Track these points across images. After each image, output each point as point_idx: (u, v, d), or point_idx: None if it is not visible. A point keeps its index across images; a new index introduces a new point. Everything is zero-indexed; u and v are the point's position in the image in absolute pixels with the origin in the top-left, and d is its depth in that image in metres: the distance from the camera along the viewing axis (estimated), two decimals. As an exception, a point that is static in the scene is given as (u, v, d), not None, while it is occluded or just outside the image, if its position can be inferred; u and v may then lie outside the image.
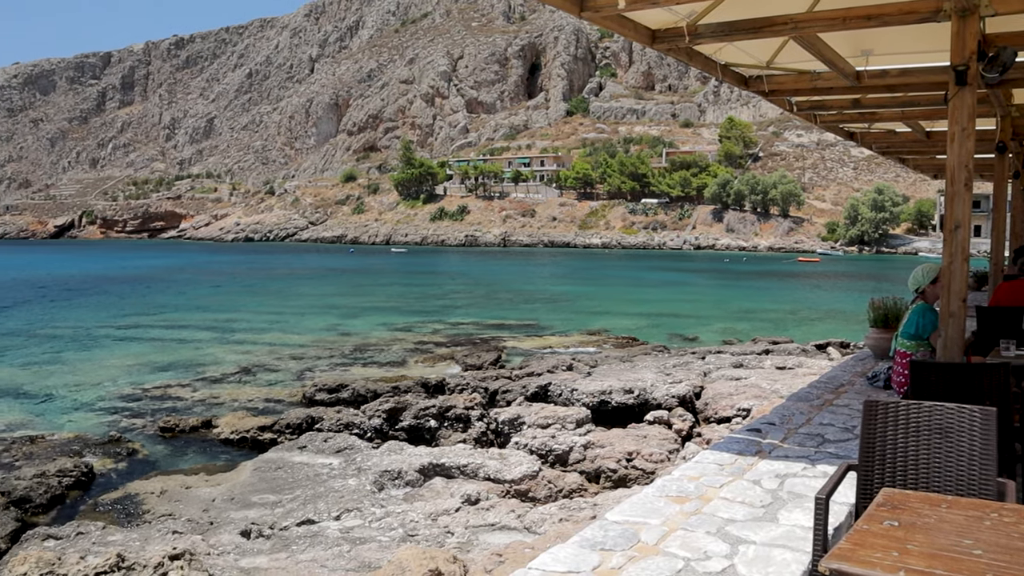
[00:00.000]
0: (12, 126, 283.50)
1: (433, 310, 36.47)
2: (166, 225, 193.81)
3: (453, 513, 9.41)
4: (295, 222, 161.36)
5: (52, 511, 11.26)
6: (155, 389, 19.51)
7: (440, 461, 11.06)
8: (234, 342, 26.99)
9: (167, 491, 11.30)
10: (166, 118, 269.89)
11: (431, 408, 14.20)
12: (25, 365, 23.30)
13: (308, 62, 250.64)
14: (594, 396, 14.29)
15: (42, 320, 34.54)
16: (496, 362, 21.38)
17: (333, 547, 8.59)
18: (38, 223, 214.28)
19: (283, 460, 11.96)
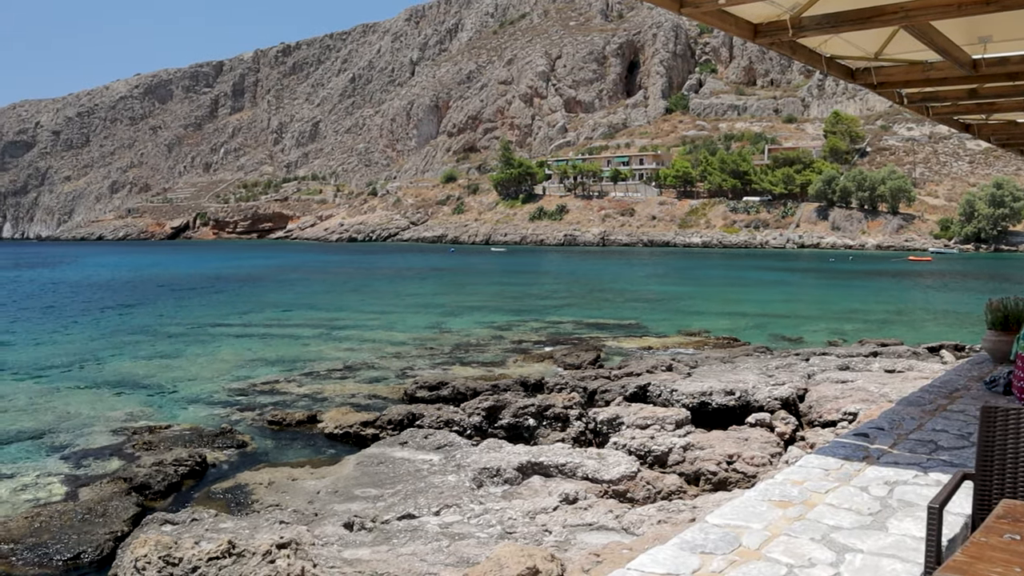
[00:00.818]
0: (133, 134, 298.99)
1: (532, 309, 36.61)
2: (274, 226, 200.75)
3: (551, 512, 9.43)
4: (397, 222, 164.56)
5: (169, 498, 11.83)
6: (264, 384, 20.23)
7: (538, 460, 11.08)
8: (338, 339, 27.74)
9: (274, 482, 11.71)
10: (274, 123, 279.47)
11: (530, 407, 14.26)
12: (146, 359, 24.53)
13: (409, 65, 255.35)
14: (694, 397, 14.09)
15: (162, 317, 36.30)
16: (595, 362, 21.30)
17: (432, 542, 8.72)
18: (156, 225, 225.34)
19: (385, 455, 12.21)
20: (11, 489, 12.49)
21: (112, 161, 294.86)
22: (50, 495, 12.20)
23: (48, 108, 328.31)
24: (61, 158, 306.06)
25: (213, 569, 7.71)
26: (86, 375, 22.24)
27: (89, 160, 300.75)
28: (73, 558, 9.79)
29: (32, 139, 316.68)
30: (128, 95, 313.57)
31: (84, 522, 10.67)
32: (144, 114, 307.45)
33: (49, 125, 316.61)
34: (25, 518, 10.90)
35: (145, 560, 7.89)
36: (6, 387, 20.55)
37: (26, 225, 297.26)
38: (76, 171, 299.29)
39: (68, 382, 21.25)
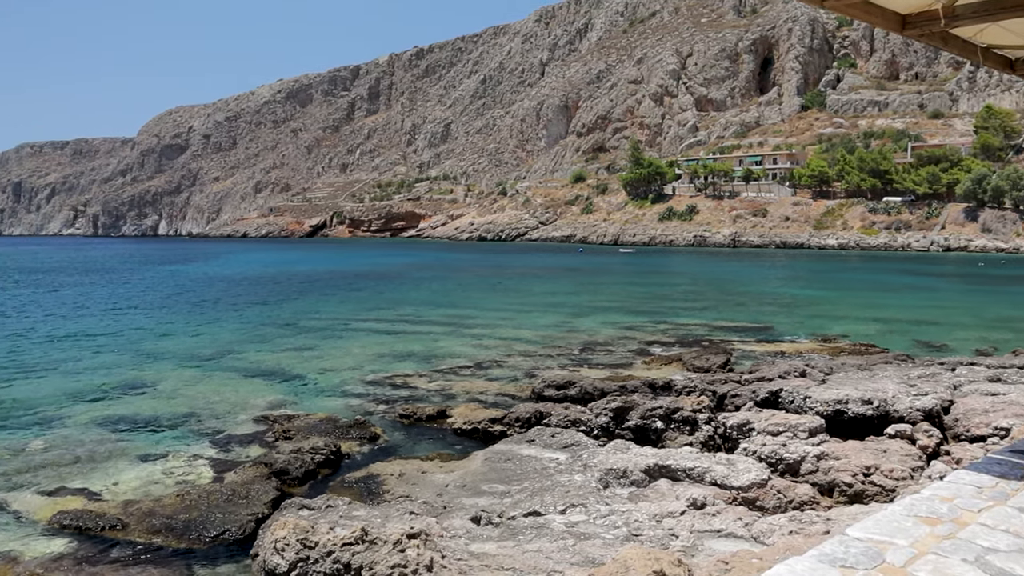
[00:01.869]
0: (276, 136, 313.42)
1: (660, 310, 36.15)
2: (406, 225, 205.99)
3: (678, 516, 9.29)
4: (526, 222, 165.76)
5: (306, 484, 12.35)
6: (396, 378, 20.81)
7: (666, 463, 10.94)
8: (468, 336, 28.21)
9: (405, 474, 12.03)
10: (407, 124, 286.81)
11: (657, 409, 14.08)
12: (286, 351, 25.67)
13: (539, 66, 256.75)
14: (829, 405, 13.56)
15: (301, 312, 37.89)
16: (724, 365, 20.84)
17: (558, 540, 8.75)
18: (296, 223, 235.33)
19: (512, 452, 12.33)
20: (165, 469, 13.33)
21: (256, 162, 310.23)
22: (199, 477, 12.96)
23: (200, 113, 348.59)
24: (210, 160, 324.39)
25: (346, 554, 7.99)
26: (232, 365, 23.48)
27: (235, 162, 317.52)
28: (219, 535, 10.37)
29: (185, 143, 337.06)
30: (271, 100, 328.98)
31: (228, 503, 11.27)
32: (286, 117, 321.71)
33: (200, 129, 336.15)
34: (177, 496, 11.63)
35: (284, 542, 8.27)
36: (163, 375, 21.96)
37: (179, 223, 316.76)
38: (224, 172, 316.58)
39: (215, 371, 22.51)
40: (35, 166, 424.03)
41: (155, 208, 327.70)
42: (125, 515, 11.03)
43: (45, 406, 18.24)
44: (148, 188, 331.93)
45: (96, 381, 21.08)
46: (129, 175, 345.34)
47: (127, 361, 24.26)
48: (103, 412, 17.57)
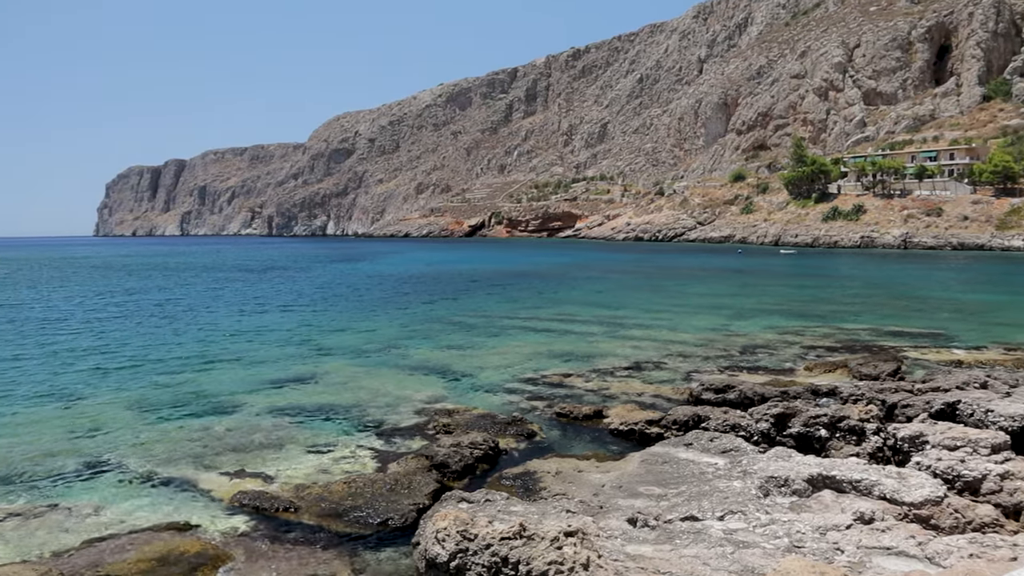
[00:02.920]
0: (437, 139, 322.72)
1: (824, 314, 34.68)
2: (563, 225, 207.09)
3: (843, 530, 8.93)
4: (683, 222, 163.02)
5: (465, 478, 12.69)
6: (552, 376, 21.01)
7: (830, 473, 10.53)
8: (624, 337, 28.08)
9: (561, 472, 12.16)
10: (564, 125, 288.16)
11: (822, 416, 13.56)
12: (446, 348, 26.44)
13: (697, 63, 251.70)
14: (1015, 420, 12.62)
15: (460, 309, 38.89)
16: (894, 373, 19.77)
17: (716, 546, 8.60)
18: (456, 223, 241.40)
19: (669, 455, 12.21)
20: (332, 458, 14.06)
21: (418, 165, 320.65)
22: (364, 466, 13.59)
23: (365, 118, 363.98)
24: (375, 163, 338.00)
25: (505, 548, 8.17)
26: (395, 360, 24.41)
27: (398, 164, 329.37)
28: (382, 523, 10.85)
29: (352, 146, 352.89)
30: (432, 103, 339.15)
31: (391, 492, 11.77)
32: (446, 120, 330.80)
33: (366, 133, 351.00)
34: (344, 483, 12.24)
35: (445, 532, 8.55)
36: (332, 368, 23.14)
37: (345, 223, 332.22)
38: (387, 174, 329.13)
39: (380, 366, 23.47)
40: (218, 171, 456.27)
41: (324, 209, 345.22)
42: (297, 498, 11.72)
43: (227, 395, 19.62)
44: (317, 190, 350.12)
45: (271, 373, 22.46)
46: (300, 178, 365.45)
47: (299, 355, 25.69)
48: (277, 402, 18.72)
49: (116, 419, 17.28)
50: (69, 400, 19.38)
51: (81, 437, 15.82)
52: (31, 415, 17.89)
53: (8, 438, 15.86)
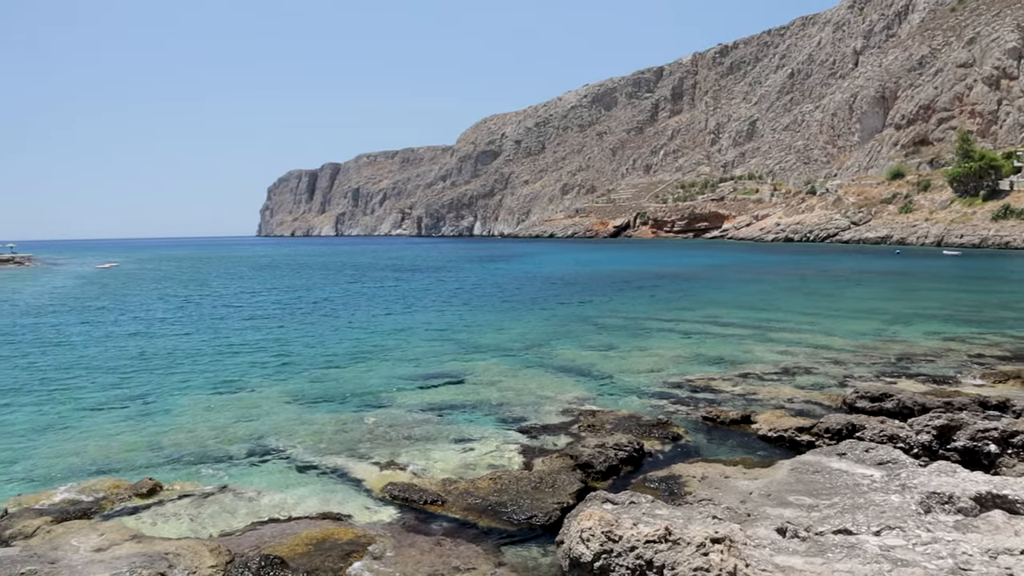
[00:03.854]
0: (582, 139, 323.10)
1: (994, 320, 32.40)
2: (709, 225, 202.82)
3: (1017, 555, 8.33)
4: (836, 222, 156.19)
5: (609, 479, 12.67)
6: (697, 380, 20.63)
7: (1001, 492, 9.84)
8: (773, 341, 27.22)
9: (707, 477, 11.93)
10: (711, 124, 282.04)
11: (991, 430, 12.70)
12: (590, 348, 26.44)
13: (852, 55, 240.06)
14: None
15: (604, 310, 38.80)
16: (1076, 385, 18.26)
17: (872, 563, 8.22)
18: (600, 223, 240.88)
19: (820, 464, 11.76)
20: (478, 454, 14.35)
21: (563, 166, 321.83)
22: (509, 462, 13.79)
23: (511, 120, 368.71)
24: (521, 164, 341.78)
25: (649, 551, 8.11)
26: (539, 359, 24.64)
27: (544, 165, 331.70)
28: (526, 520, 10.98)
29: (499, 148, 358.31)
30: (578, 104, 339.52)
31: (536, 490, 11.89)
32: (591, 121, 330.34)
33: (512, 135, 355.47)
34: (490, 479, 12.46)
35: (590, 532, 8.58)
36: (478, 366, 23.63)
37: (492, 223, 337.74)
38: (533, 175, 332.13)
39: (525, 364, 23.75)
40: (370, 174, 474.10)
41: (471, 210, 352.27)
42: (444, 492, 12.03)
43: (379, 389, 20.40)
44: (465, 192, 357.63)
45: (421, 369, 23.17)
46: (448, 180, 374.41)
47: (448, 352, 26.35)
48: (426, 397, 19.29)
49: (276, 409, 18.29)
50: (235, 390, 20.67)
51: (245, 425, 16.85)
52: (203, 403, 19.21)
53: (183, 423, 17.11)
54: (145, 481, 12.29)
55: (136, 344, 29.75)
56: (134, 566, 8.73)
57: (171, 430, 16.55)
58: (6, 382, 22.45)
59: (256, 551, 9.70)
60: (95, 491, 12.00)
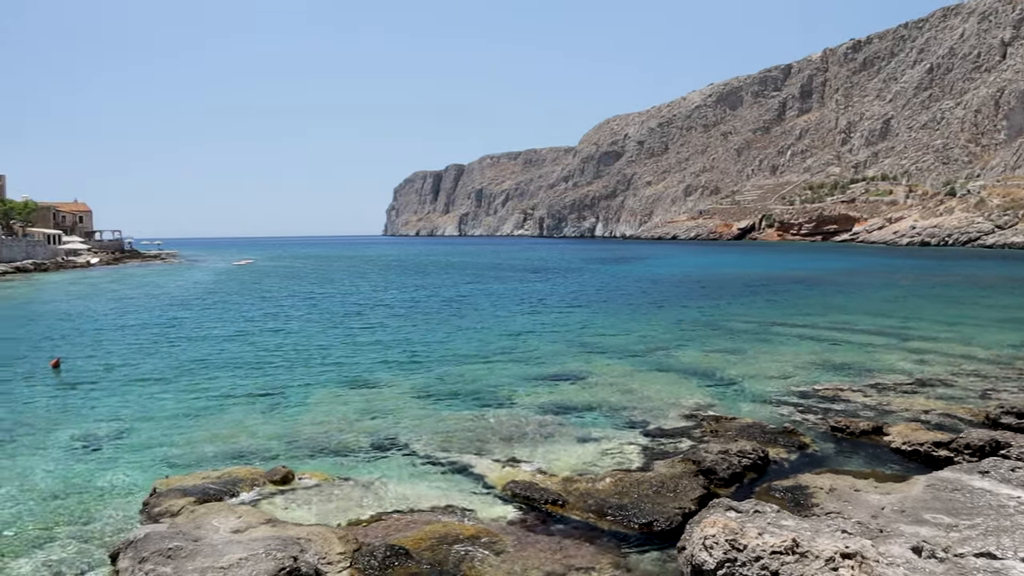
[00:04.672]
0: (706, 140, 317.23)
1: None
2: (839, 228, 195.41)
3: None
4: (978, 226, 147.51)
5: (732, 486, 12.42)
6: (825, 388, 19.94)
7: None
8: (907, 350, 25.99)
9: (836, 489, 11.52)
10: (842, 122, 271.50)
11: None
12: (712, 352, 25.98)
13: (999, 47, 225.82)
14: None
15: (728, 313, 38.01)
16: None
17: (1018, 588, 7.77)
18: (724, 226, 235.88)
19: (960, 482, 11.17)
20: (599, 455, 14.34)
21: (686, 167, 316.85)
22: (629, 463, 13.73)
23: (634, 121, 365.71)
24: (643, 165, 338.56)
25: (775, 563, 7.92)
26: (661, 361, 24.39)
27: (667, 166, 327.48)
28: (647, 523, 10.90)
29: (621, 149, 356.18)
30: (702, 104, 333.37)
31: (657, 494, 11.79)
32: (716, 121, 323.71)
33: (635, 136, 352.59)
34: (611, 480, 12.44)
35: (713, 540, 8.45)
36: (599, 366, 23.62)
37: (613, 225, 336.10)
38: (656, 176, 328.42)
39: (646, 366, 23.57)
40: (493, 175, 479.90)
41: (592, 211, 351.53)
42: (565, 492, 12.07)
43: (502, 387, 20.69)
44: (587, 193, 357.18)
45: (543, 369, 23.36)
46: (571, 181, 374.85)
47: (570, 353, 26.46)
48: (548, 396, 19.42)
49: (402, 405, 18.81)
50: (363, 385, 21.37)
51: (372, 419, 17.40)
52: (333, 397, 19.96)
53: (314, 416, 17.84)
54: (279, 469, 12.86)
55: (271, 339, 31.18)
56: (269, 548, 9.15)
57: (303, 422, 17.28)
58: (154, 372, 23.95)
59: (381, 541, 10.01)
60: (233, 476, 12.66)
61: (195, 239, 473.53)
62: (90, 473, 13.97)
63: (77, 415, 18.40)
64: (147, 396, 20.35)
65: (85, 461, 14.68)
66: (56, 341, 31.19)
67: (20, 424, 17.60)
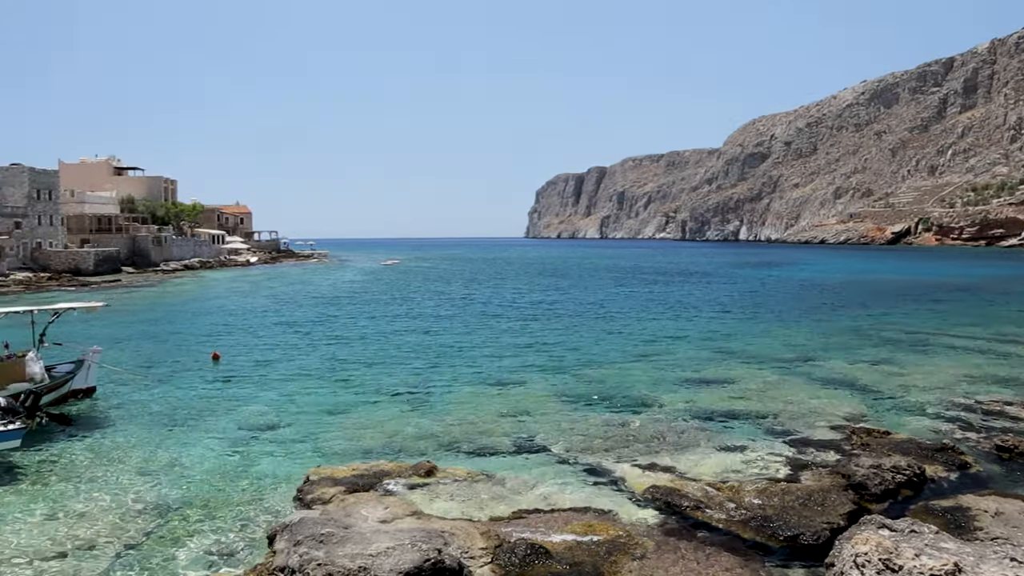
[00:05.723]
0: (858, 140, 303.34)
1: None
2: (1005, 232, 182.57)
3: None
4: None
5: (884, 502, 11.85)
6: (989, 404, 18.72)
7: None
8: (1084, 365, 24.06)
9: (1002, 513, 10.82)
10: (1011, 118, 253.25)
11: None
12: (863, 362, 24.89)
13: None
14: None
15: (878, 322, 36.28)
16: None
17: None
18: (876, 230, 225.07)
19: None
20: (742, 463, 14.01)
21: (836, 168, 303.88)
22: (774, 473, 13.35)
23: (781, 121, 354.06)
24: (790, 166, 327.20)
25: (934, 585, 7.51)
26: (807, 370, 23.58)
27: (815, 167, 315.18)
28: (792, 537, 10.55)
29: (767, 150, 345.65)
30: (854, 102, 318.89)
31: (803, 507, 11.40)
32: (869, 120, 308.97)
33: (781, 137, 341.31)
34: (754, 490, 12.14)
35: (865, 558, 8.10)
36: (741, 373, 23.11)
37: (758, 228, 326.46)
38: (803, 178, 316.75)
39: (791, 374, 22.85)
40: (635, 177, 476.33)
41: (736, 214, 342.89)
42: (706, 499, 11.86)
43: (643, 391, 20.60)
44: (731, 195, 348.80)
45: (685, 374, 23.10)
46: (714, 183, 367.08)
47: (713, 358, 26.05)
48: (689, 402, 19.16)
49: (543, 406, 19.01)
50: (505, 385, 21.74)
51: (513, 419, 17.68)
52: (476, 396, 20.44)
53: (457, 413, 18.32)
54: (423, 463, 13.25)
55: (416, 338, 32.17)
56: (415, 539, 9.46)
57: (447, 419, 17.75)
58: (306, 367, 25.19)
59: (522, 538, 10.15)
60: (380, 469, 13.14)
61: (343, 239, 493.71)
62: (248, 459, 14.84)
63: (236, 405, 19.59)
64: (299, 389, 21.43)
65: (243, 448, 15.61)
66: (217, 335, 33.28)
67: (187, 412, 18.91)
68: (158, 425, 17.55)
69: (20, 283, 62.94)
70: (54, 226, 78.98)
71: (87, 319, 34.65)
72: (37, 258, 74.96)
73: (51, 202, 78.95)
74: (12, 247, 71.82)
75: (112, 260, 79.83)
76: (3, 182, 75.76)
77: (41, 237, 76.87)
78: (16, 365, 18.29)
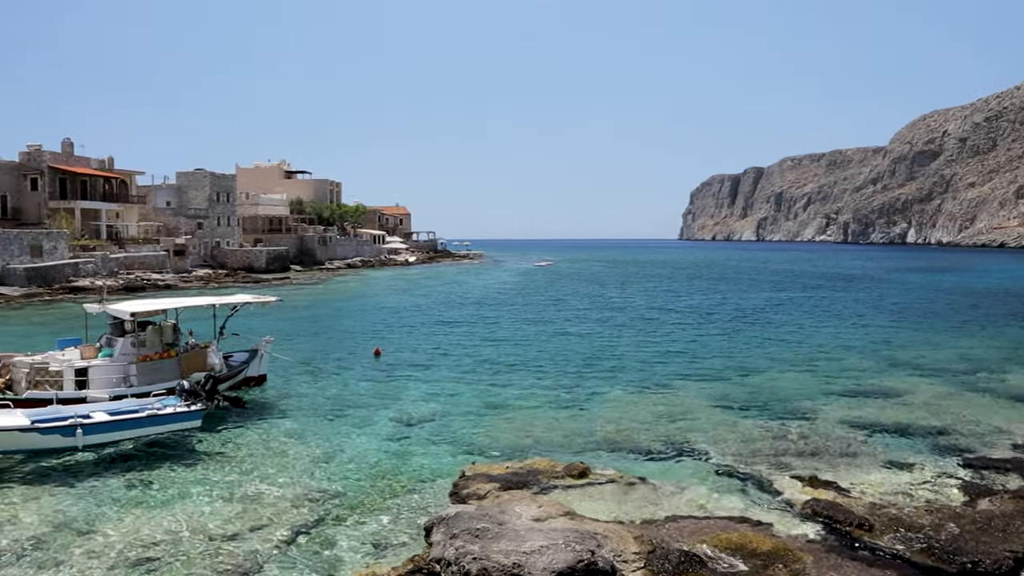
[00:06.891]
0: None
1: None
2: None
3: None
4: None
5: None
6: None
7: None
8: None
9: None
10: None
11: None
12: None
13: None
14: None
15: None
16: None
17: None
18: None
19: None
20: (911, 481, 13.26)
21: (1019, 165, 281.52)
22: (948, 496, 12.54)
23: (955, 116, 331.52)
24: (965, 164, 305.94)
25: None
26: (987, 384, 22.03)
27: (995, 165, 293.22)
28: (969, 563, 9.88)
29: (939, 148, 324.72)
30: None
31: (981, 531, 10.66)
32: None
33: (955, 133, 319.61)
34: (924, 511, 11.46)
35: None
36: (911, 385, 21.89)
37: (928, 231, 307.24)
38: (980, 177, 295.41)
39: (968, 388, 21.42)
40: (794, 178, 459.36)
41: (904, 216, 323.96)
42: (871, 516, 11.30)
43: (803, 400, 19.89)
44: (898, 196, 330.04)
45: (849, 384, 22.13)
46: (879, 183, 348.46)
47: (880, 368, 24.85)
48: (853, 413, 18.32)
49: (698, 411, 18.70)
50: (660, 389, 21.55)
51: (668, 423, 17.49)
52: (630, 398, 20.40)
53: (611, 416, 18.33)
54: (577, 464, 13.30)
55: (570, 340, 32.38)
56: (568, 539, 9.52)
57: (600, 421, 17.77)
58: (462, 365, 25.86)
59: (676, 545, 10.01)
60: (534, 467, 13.29)
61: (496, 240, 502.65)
62: (406, 453, 15.40)
63: (395, 400, 20.37)
64: (455, 387, 22.02)
65: (401, 442, 16.21)
66: (378, 332, 34.65)
67: (349, 404, 19.84)
68: (323, 415, 18.52)
69: (201, 279, 68.22)
70: (231, 226, 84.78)
71: (261, 313, 36.96)
72: (216, 256, 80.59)
73: (229, 204, 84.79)
74: (195, 246, 77.51)
75: (282, 258, 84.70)
76: (188, 186, 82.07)
77: (220, 237, 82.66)
78: (199, 355, 19.78)
